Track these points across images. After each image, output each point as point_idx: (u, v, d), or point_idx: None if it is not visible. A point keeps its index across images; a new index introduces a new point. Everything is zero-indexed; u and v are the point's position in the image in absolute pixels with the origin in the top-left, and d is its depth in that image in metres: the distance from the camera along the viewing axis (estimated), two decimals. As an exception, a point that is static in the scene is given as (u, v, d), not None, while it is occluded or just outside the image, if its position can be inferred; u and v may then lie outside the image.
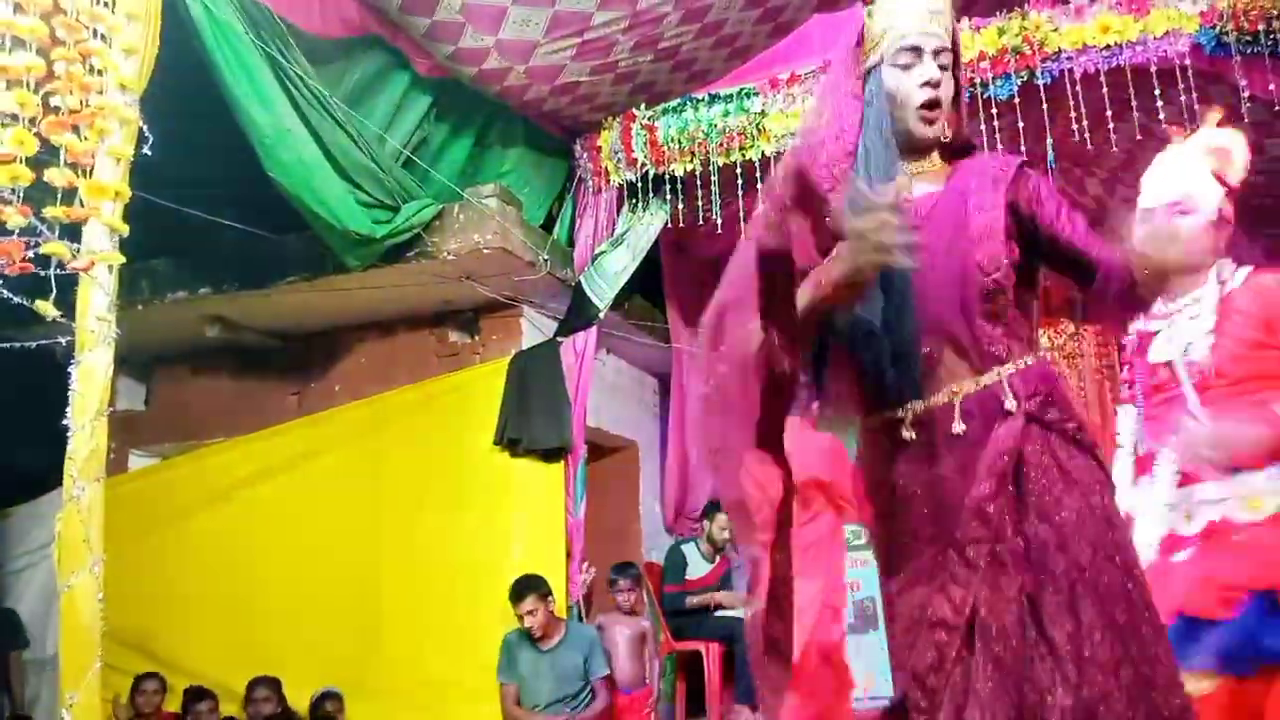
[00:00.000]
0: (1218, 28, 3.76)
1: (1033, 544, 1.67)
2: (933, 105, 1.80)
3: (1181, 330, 2.52)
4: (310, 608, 4.99)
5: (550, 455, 4.94)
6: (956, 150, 1.91)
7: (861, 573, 5.83)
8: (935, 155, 1.88)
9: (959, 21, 3.83)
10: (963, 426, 1.73)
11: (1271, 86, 3.79)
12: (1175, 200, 2.43)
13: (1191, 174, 2.48)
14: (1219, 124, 2.47)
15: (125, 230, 2.65)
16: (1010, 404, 1.72)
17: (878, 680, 5.73)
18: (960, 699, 1.64)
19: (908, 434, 1.77)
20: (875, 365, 1.78)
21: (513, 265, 4.81)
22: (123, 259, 2.66)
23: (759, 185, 4.12)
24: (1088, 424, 1.79)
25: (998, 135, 4.01)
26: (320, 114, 4.02)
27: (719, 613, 5.71)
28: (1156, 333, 2.56)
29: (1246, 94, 3.80)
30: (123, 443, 5.68)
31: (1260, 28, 3.75)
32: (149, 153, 2.68)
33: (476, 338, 5.38)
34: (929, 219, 1.81)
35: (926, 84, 1.79)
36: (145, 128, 2.69)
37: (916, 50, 1.79)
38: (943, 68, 1.81)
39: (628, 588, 5.21)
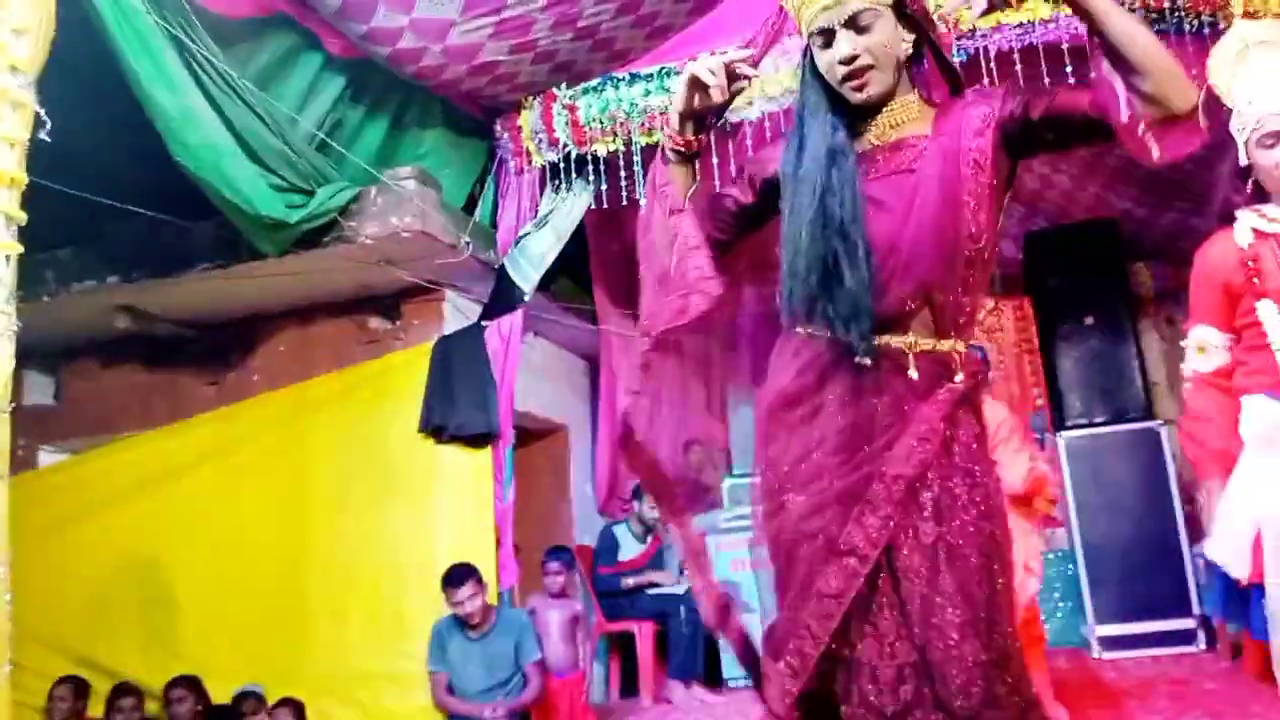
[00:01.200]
0: (1127, 5, 3.84)
1: (961, 502, 1.78)
2: (854, 76, 1.84)
3: None
4: (233, 602, 4.88)
5: (477, 441, 4.89)
6: (947, 88, 1.97)
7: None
8: (903, 101, 1.91)
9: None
10: (916, 374, 1.82)
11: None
12: None
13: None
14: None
15: (23, 219, 2.53)
16: (959, 376, 1.84)
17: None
18: (859, 633, 1.72)
19: (863, 360, 1.82)
20: (834, 312, 1.82)
21: (433, 248, 4.73)
22: (20, 249, 2.53)
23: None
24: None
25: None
26: (228, 96, 3.89)
27: (652, 591, 5.74)
28: None
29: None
30: (32, 439, 5.48)
31: (1165, 5, 3.84)
32: (46, 138, 2.56)
33: (398, 323, 5.29)
34: (919, 164, 1.86)
35: (841, 61, 1.83)
36: (42, 111, 2.56)
37: (826, 32, 1.84)
38: (864, 29, 1.81)
39: (556, 571, 5.20)
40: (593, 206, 4.90)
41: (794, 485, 1.84)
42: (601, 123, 4.51)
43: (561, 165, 4.77)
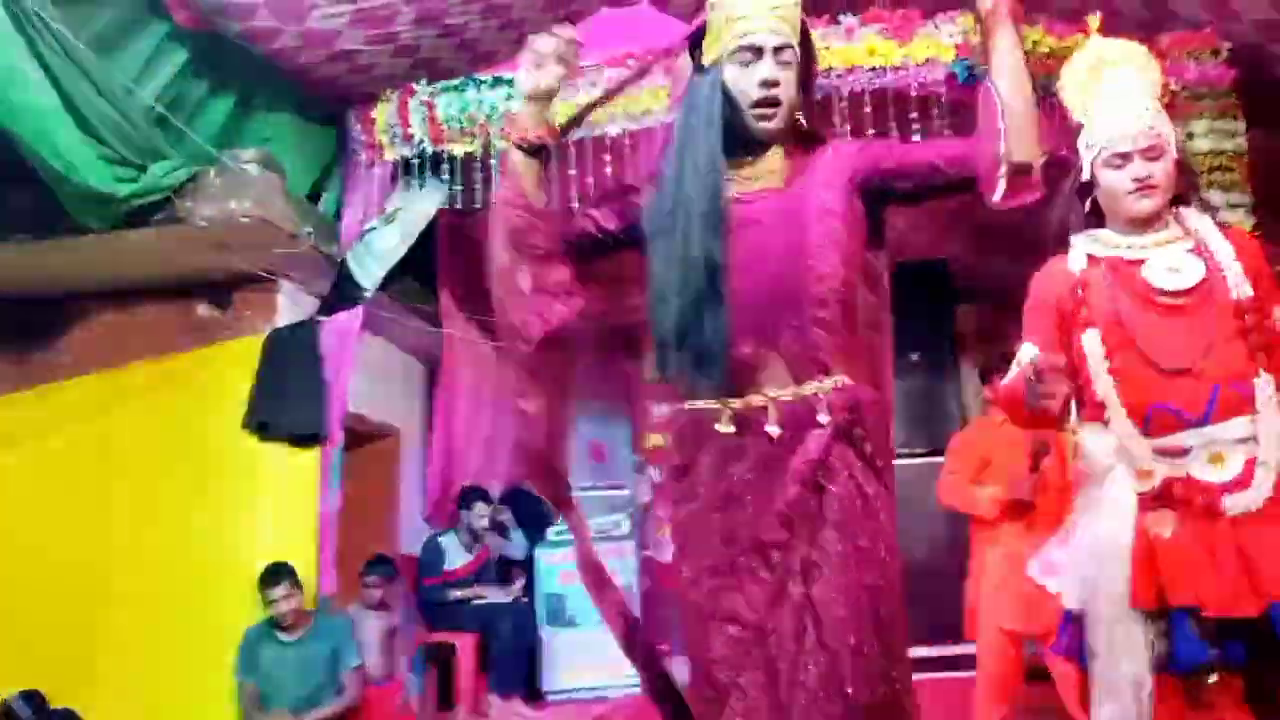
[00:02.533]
0: (970, 60, 4.06)
1: (830, 558, 1.74)
2: (769, 104, 1.83)
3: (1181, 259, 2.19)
4: (23, 602, 4.49)
5: (304, 441, 4.70)
6: (803, 143, 1.95)
7: (620, 563, 5.94)
8: (776, 151, 1.91)
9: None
10: (777, 430, 1.78)
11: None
12: (1150, 144, 2.18)
13: (1152, 108, 2.21)
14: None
15: None
16: (823, 417, 1.77)
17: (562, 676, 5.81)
18: (734, 693, 1.71)
19: (724, 428, 1.80)
20: (690, 354, 1.81)
21: (272, 237, 4.53)
22: None
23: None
24: (889, 450, 1.89)
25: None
26: (60, 57, 3.63)
27: (477, 601, 5.64)
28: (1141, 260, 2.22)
29: (990, 124, 4.13)
30: None
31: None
32: None
33: (228, 312, 5.03)
34: (765, 217, 1.85)
35: (764, 83, 1.82)
36: None
37: (757, 50, 1.82)
38: (785, 64, 1.83)
39: (374, 584, 5.05)
40: (445, 207, 4.80)
41: (684, 556, 1.86)
42: (460, 122, 4.43)
43: (415, 162, 4.65)
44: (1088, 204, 2.29)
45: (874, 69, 4.14)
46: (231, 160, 4.35)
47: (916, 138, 4.14)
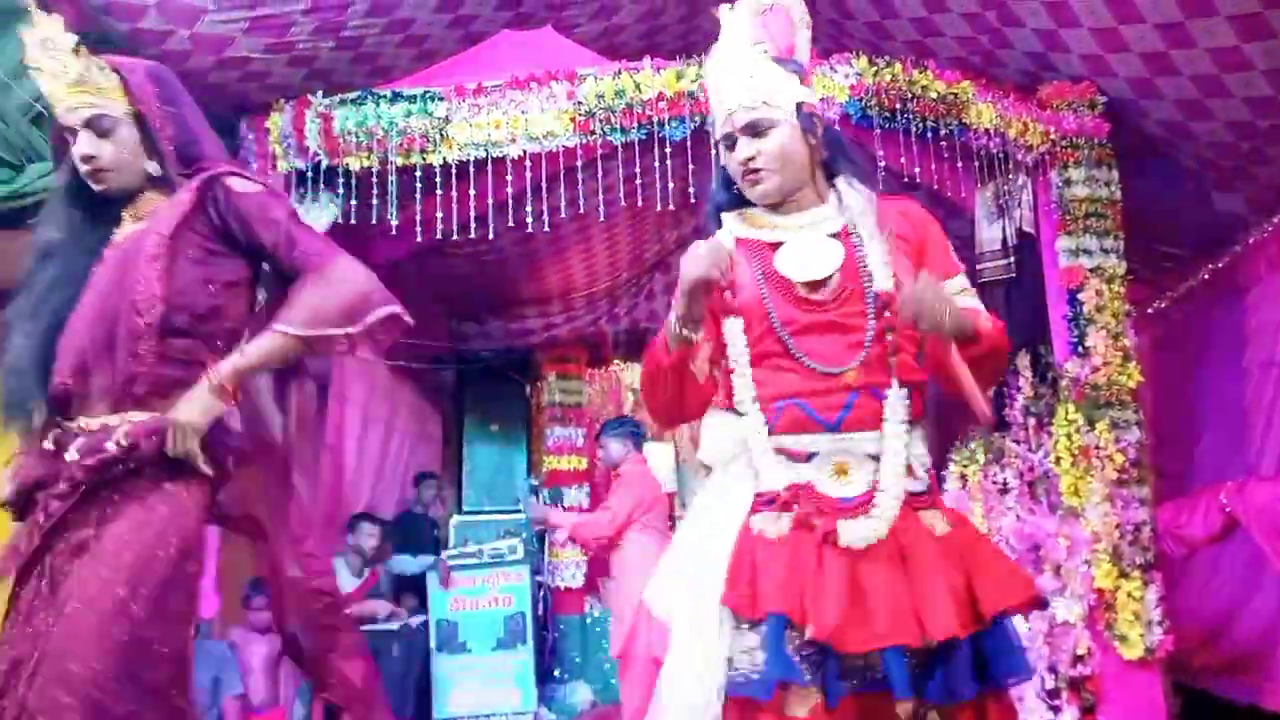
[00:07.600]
0: (864, 101, 4.16)
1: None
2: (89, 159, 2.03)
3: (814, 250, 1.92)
4: None
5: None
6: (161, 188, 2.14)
7: (514, 588, 5.89)
8: (150, 194, 2.12)
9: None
10: (75, 456, 1.90)
11: (902, 159, 4.27)
12: (750, 120, 1.91)
13: (754, 78, 1.91)
14: None
15: None
16: (110, 445, 1.89)
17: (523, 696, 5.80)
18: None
19: (48, 445, 1.95)
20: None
21: (158, 245, 4.37)
22: None
23: (438, 192, 4.04)
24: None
25: (669, 174, 4.17)
26: (-70, 50, 3.45)
27: (365, 626, 5.51)
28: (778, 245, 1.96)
29: (882, 164, 4.25)
30: None
31: (897, 106, 4.21)
32: None
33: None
34: (110, 257, 2.04)
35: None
36: None
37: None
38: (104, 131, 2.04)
39: (260, 606, 4.88)
40: (339, 222, 4.70)
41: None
42: (357, 136, 4.32)
43: (310, 175, 4.54)
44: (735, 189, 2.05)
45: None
46: (114, 164, 4.18)
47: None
